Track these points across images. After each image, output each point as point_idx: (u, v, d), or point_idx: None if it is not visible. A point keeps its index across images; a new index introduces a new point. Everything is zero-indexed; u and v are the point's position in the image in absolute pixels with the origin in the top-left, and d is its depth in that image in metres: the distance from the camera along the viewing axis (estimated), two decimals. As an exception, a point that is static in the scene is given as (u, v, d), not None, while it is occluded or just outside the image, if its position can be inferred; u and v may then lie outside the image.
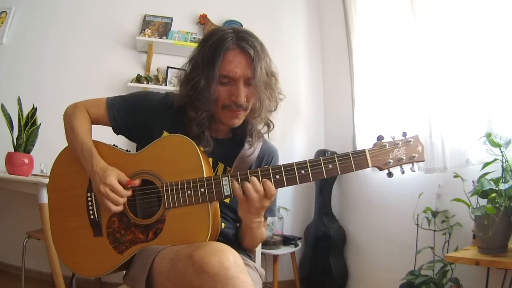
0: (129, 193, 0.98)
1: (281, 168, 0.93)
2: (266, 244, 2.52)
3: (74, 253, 1.04)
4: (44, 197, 1.82)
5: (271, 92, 1.06)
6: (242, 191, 0.93)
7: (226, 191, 0.94)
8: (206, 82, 1.00)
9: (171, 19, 2.91)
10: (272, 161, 1.21)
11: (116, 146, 1.08)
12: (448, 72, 1.81)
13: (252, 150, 1.12)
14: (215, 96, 1.02)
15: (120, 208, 0.97)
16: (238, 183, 0.93)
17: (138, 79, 2.73)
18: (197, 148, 0.98)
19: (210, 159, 1.10)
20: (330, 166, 0.91)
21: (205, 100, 1.02)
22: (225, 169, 1.12)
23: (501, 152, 1.42)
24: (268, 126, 1.16)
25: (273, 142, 1.25)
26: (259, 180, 0.92)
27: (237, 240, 1.16)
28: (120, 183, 0.97)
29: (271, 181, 0.93)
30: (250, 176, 0.93)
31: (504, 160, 1.43)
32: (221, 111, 1.05)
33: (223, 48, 1.00)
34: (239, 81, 1.01)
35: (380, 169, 0.94)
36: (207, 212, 0.94)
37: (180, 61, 1.13)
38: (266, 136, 1.19)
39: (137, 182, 0.99)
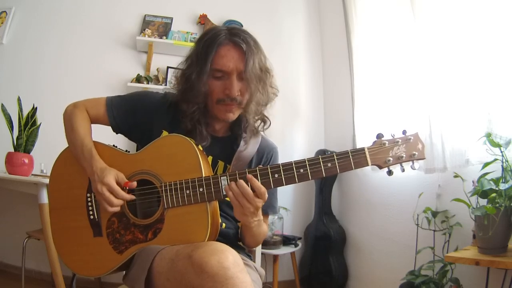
0: (128, 196, 0.97)
1: (280, 167, 0.92)
2: (266, 244, 2.52)
3: (74, 253, 1.04)
4: (44, 197, 1.82)
5: (263, 86, 1.08)
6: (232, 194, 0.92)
7: (225, 190, 0.94)
8: (197, 75, 1.03)
9: (171, 19, 2.91)
10: (272, 158, 1.21)
11: (116, 146, 1.09)
12: (448, 72, 1.81)
13: (247, 146, 1.12)
14: (207, 89, 1.04)
15: (116, 209, 0.97)
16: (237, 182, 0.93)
17: (138, 79, 2.73)
18: (196, 148, 0.98)
19: (210, 158, 1.10)
20: (329, 164, 0.91)
21: (196, 93, 1.04)
22: (225, 167, 1.12)
23: (501, 152, 1.42)
24: (264, 122, 1.16)
25: (273, 141, 1.25)
26: (246, 181, 0.91)
27: (237, 240, 1.16)
28: (118, 183, 0.97)
29: (270, 181, 0.92)
30: (240, 177, 0.92)
31: (504, 160, 1.42)
32: (215, 105, 1.06)
33: (216, 43, 1.02)
34: (232, 74, 1.03)
35: (380, 167, 0.93)
36: (206, 212, 0.93)
37: (180, 61, 1.13)
38: (263, 133, 1.19)
39: (134, 184, 0.99)
